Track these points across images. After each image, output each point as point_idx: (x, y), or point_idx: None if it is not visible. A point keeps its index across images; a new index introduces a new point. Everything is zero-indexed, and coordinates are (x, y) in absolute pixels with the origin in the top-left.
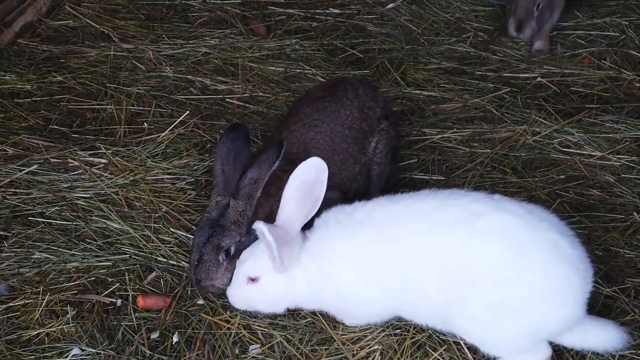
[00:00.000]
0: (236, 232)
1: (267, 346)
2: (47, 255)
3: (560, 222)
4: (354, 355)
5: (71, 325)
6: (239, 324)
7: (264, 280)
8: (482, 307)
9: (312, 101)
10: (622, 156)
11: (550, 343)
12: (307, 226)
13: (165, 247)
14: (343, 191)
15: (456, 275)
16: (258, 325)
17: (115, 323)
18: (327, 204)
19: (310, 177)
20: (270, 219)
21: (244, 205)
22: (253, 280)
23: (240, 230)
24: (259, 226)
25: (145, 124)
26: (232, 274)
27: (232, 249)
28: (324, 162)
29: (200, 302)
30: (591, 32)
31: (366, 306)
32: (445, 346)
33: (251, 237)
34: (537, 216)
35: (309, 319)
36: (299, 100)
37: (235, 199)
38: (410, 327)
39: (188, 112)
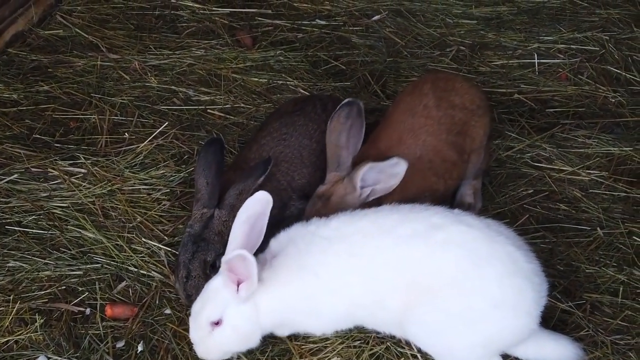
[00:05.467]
0: (219, 243)
1: None
2: (20, 264)
3: (517, 237)
4: None
5: (39, 333)
6: None
7: (228, 317)
8: (438, 316)
9: (281, 115)
10: (591, 171)
11: (505, 357)
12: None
13: (137, 256)
14: None
15: (416, 285)
16: None
17: (83, 331)
18: (300, 214)
19: (256, 210)
20: None
21: (227, 215)
22: (217, 324)
23: (223, 241)
24: (239, 253)
25: (126, 134)
26: None
27: (217, 262)
28: (270, 195)
29: (168, 311)
30: (572, 47)
31: (336, 320)
32: (403, 358)
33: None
34: (495, 230)
35: None
36: (269, 116)
37: (219, 209)
38: (369, 339)
39: (167, 123)
